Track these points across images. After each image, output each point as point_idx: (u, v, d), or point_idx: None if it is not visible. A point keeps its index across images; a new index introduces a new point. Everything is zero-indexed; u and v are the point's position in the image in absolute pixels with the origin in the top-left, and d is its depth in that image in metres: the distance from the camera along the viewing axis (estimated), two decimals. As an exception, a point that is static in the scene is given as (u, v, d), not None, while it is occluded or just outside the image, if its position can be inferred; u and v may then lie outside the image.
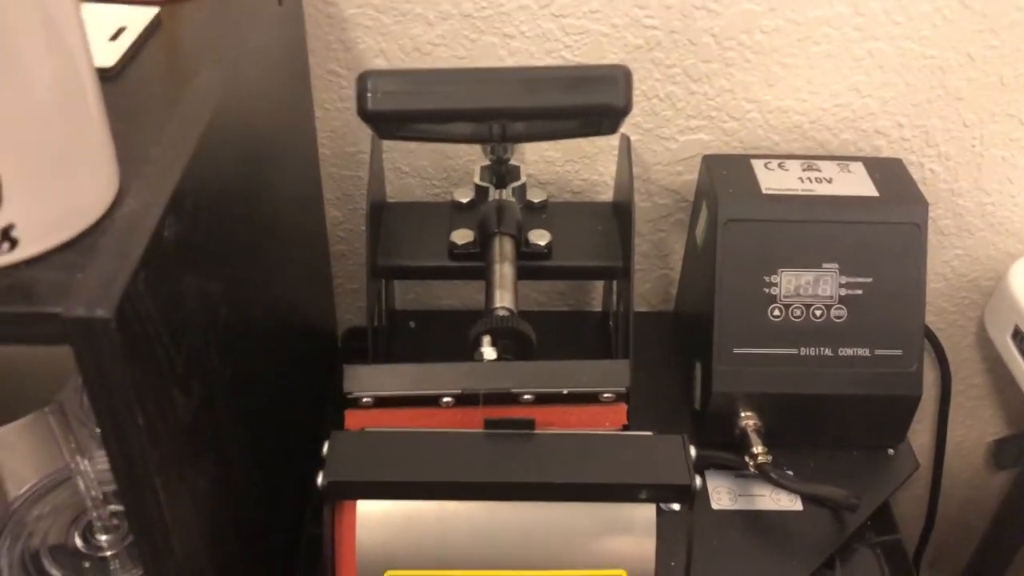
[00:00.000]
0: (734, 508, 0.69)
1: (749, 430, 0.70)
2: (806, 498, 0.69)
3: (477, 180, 0.69)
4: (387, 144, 0.76)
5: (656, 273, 0.85)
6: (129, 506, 0.41)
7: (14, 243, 0.36)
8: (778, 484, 0.68)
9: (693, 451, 0.51)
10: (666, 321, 0.85)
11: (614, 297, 0.77)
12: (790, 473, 0.70)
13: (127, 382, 0.37)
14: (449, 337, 0.82)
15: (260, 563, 0.59)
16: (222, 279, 0.49)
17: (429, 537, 0.51)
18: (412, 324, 0.84)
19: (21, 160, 0.35)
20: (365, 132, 0.74)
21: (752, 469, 0.68)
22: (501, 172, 0.69)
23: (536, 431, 0.52)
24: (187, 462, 0.44)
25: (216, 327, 0.48)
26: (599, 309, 0.85)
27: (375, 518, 0.50)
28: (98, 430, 0.39)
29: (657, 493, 0.50)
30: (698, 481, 0.49)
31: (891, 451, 0.73)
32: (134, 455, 0.39)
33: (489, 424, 0.52)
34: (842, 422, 0.72)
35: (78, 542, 0.55)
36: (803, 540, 0.67)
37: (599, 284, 0.85)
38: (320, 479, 0.49)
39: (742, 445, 0.69)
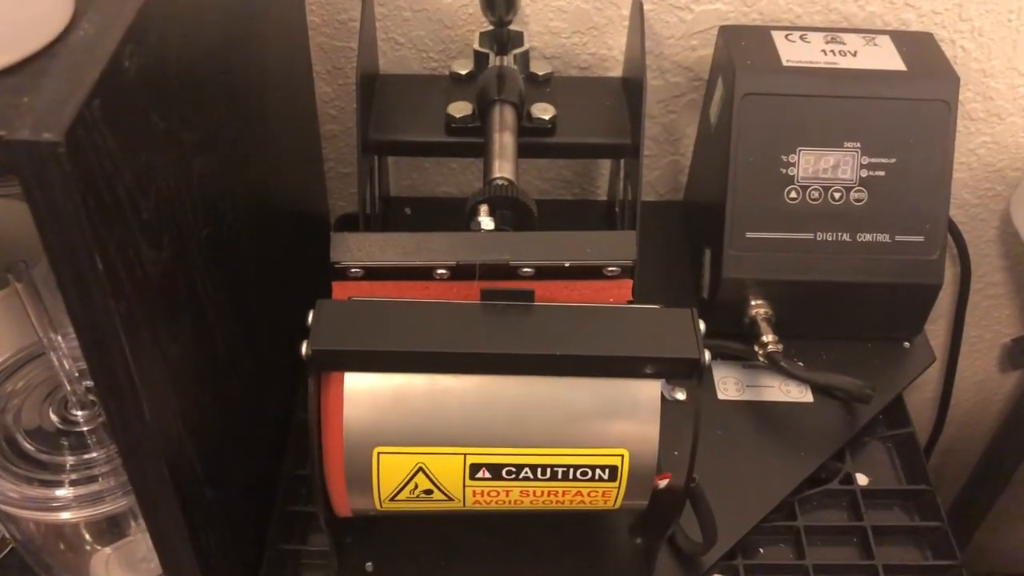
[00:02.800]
0: (741, 399, 0.66)
1: (759, 319, 0.66)
2: (817, 388, 0.66)
3: (476, 46, 0.64)
4: (380, 12, 0.71)
5: (666, 159, 0.81)
6: (93, 363, 0.38)
7: (-49, 62, 0.32)
8: (788, 374, 0.65)
9: (703, 325, 0.47)
10: (675, 211, 0.81)
11: (621, 182, 0.73)
12: (801, 364, 0.67)
13: (81, 217, 0.33)
14: (447, 225, 0.78)
15: (246, 439, 0.57)
16: (198, 131, 0.45)
17: (420, 413, 0.48)
18: (408, 211, 0.80)
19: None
20: (357, -3, 0.70)
21: (761, 359, 0.65)
22: (502, 37, 0.65)
23: (536, 303, 0.49)
24: (158, 322, 0.41)
25: (190, 181, 0.44)
26: (605, 198, 0.81)
27: (363, 392, 0.47)
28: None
29: (664, 368, 0.47)
30: (707, 356, 0.46)
31: (907, 344, 0.70)
32: (95, 305, 0.36)
33: (486, 295, 0.48)
34: (858, 312, 0.68)
35: (53, 418, 0.52)
36: (813, 432, 0.64)
37: (605, 171, 0.81)
38: (304, 348, 0.46)
39: (751, 334, 0.66)
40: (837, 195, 0.66)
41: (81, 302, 0.35)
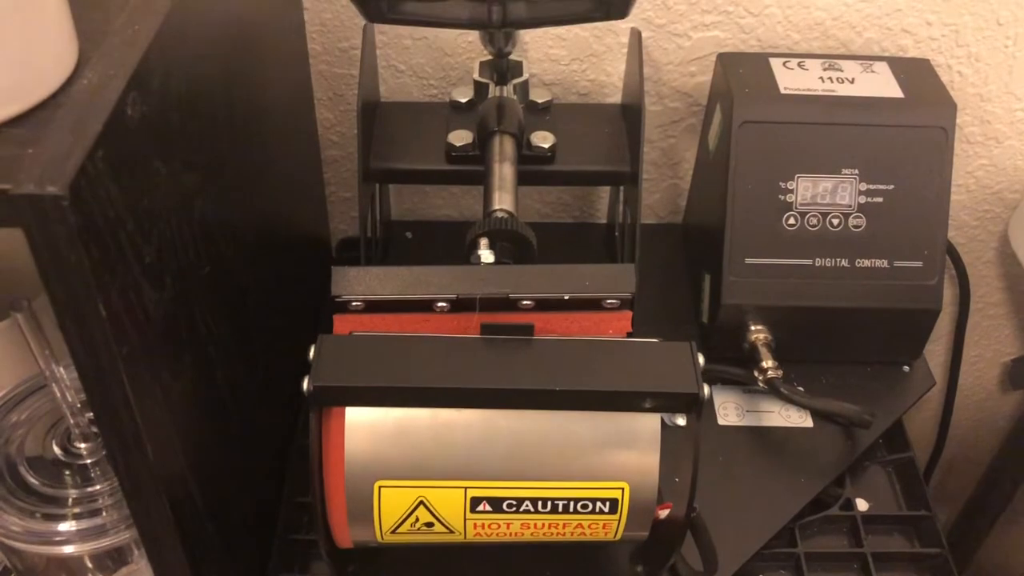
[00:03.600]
0: (741, 424, 0.67)
1: (759, 344, 0.67)
2: (817, 414, 0.66)
3: (476, 76, 0.65)
4: (381, 40, 0.71)
5: (665, 183, 0.81)
6: (96, 404, 0.38)
7: (-45, 114, 0.33)
8: (788, 399, 0.65)
9: (701, 359, 0.48)
10: (674, 233, 0.82)
11: (620, 206, 0.73)
12: (800, 389, 0.67)
13: (85, 268, 0.33)
14: (447, 248, 0.78)
15: (247, 471, 0.57)
16: (199, 171, 0.45)
17: (421, 447, 0.48)
18: (408, 235, 0.80)
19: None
20: (358, 26, 0.70)
21: (761, 384, 0.66)
22: (502, 67, 0.65)
23: (536, 337, 0.49)
24: (160, 362, 0.41)
25: (191, 221, 0.44)
26: (604, 221, 0.82)
27: (364, 426, 0.48)
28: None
29: (663, 402, 0.47)
30: (706, 390, 0.46)
31: (906, 368, 0.71)
32: (98, 349, 0.36)
33: (486, 329, 0.49)
34: (857, 337, 0.68)
35: (56, 450, 0.53)
36: (813, 457, 0.65)
37: (604, 195, 0.81)
38: (306, 384, 0.46)
39: (751, 359, 0.67)
40: (835, 221, 0.66)
41: (84, 347, 0.36)
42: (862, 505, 0.63)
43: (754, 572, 0.60)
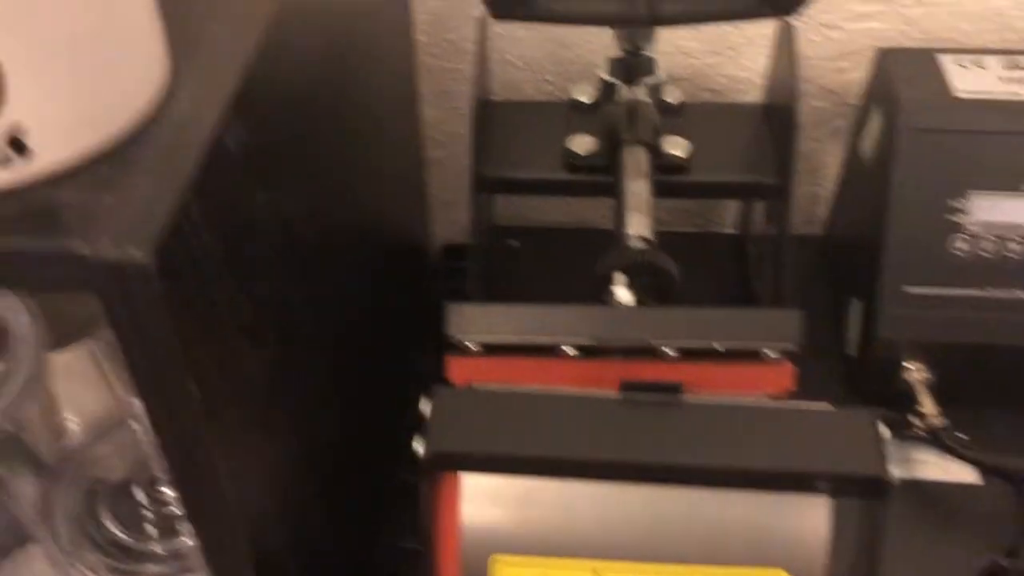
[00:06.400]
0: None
1: (917, 384, 0.58)
2: (987, 471, 0.58)
3: (605, 75, 0.57)
4: (494, 31, 0.64)
5: (802, 189, 0.72)
6: (178, 476, 0.33)
7: (25, 152, 0.27)
8: (955, 453, 0.57)
9: (886, 432, 0.40)
10: (810, 247, 0.73)
11: (756, 217, 0.65)
12: (965, 438, 0.59)
13: (174, 342, 0.27)
14: (558, 259, 0.72)
15: (342, 523, 0.51)
16: (302, 198, 0.39)
17: (546, 520, 0.42)
18: (514, 243, 0.73)
19: (30, 38, 0.26)
20: (469, 16, 0.63)
21: (919, 432, 0.57)
22: (632, 65, 0.57)
23: (685, 398, 0.42)
24: (256, 426, 0.36)
25: (292, 255, 0.38)
26: (732, 231, 0.74)
27: (483, 495, 0.41)
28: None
29: (839, 485, 0.39)
30: (896, 473, 0.39)
31: (1090, 416, 0.61)
32: (186, 429, 0.30)
33: (626, 387, 0.42)
34: (1035, 380, 0.60)
35: (139, 496, 0.48)
36: (979, 520, 0.56)
37: (732, 201, 0.73)
38: (419, 446, 0.40)
39: (905, 401, 0.58)
40: (1015, 246, 0.57)
41: (170, 426, 0.30)
42: (1038, 579, 0.55)
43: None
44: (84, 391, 0.54)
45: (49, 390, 0.54)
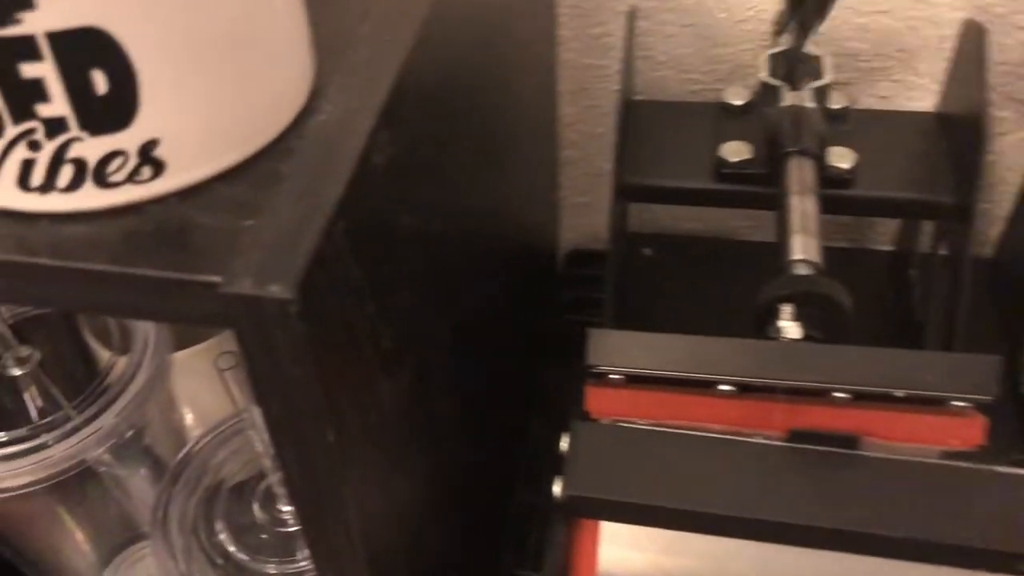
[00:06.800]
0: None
1: (1108, 436, 0.52)
2: None
3: (764, 76, 0.52)
4: (641, 26, 0.60)
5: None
6: (304, 512, 0.30)
7: (159, 168, 0.24)
8: None
9: (1103, 509, 0.34)
10: (979, 269, 0.66)
11: (921, 236, 0.59)
12: None
13: (312, 383, 0.24)
14: (696, 272, 0.67)
15: (464, 553, 0.48)
16: (445, 215, 0.36)
17: (692, 572, 0.38)
18: (647, 251, 0.69)
19: (165, 43, 0.23)
20: (616, 10, 0.59)
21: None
22: (794, 64, 0.52)
23: (861, 452, 0.37)
24: (387, 460, 0.33)
25: (432, 278, 0.35)
26: (890, 247, 0.67)
27: (623, 544, 0.37)
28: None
29: (1047, 569, 0.34)
30: (1117, 560, 0.33)
31: None
32: (319, 476, 0.27)
33: (795, 437, 0.37)
34: None
35: (257, 512, 0.46)
36: None
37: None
38: (558, 489, 0.36)
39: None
40: None
41: (303, 470, 0.27)
42: None
43: None
44: (205, 392, 0.53)
45: (170, 390, 0.53)
